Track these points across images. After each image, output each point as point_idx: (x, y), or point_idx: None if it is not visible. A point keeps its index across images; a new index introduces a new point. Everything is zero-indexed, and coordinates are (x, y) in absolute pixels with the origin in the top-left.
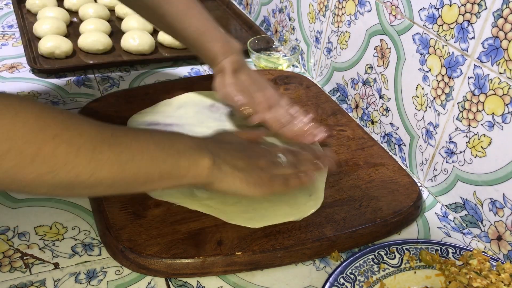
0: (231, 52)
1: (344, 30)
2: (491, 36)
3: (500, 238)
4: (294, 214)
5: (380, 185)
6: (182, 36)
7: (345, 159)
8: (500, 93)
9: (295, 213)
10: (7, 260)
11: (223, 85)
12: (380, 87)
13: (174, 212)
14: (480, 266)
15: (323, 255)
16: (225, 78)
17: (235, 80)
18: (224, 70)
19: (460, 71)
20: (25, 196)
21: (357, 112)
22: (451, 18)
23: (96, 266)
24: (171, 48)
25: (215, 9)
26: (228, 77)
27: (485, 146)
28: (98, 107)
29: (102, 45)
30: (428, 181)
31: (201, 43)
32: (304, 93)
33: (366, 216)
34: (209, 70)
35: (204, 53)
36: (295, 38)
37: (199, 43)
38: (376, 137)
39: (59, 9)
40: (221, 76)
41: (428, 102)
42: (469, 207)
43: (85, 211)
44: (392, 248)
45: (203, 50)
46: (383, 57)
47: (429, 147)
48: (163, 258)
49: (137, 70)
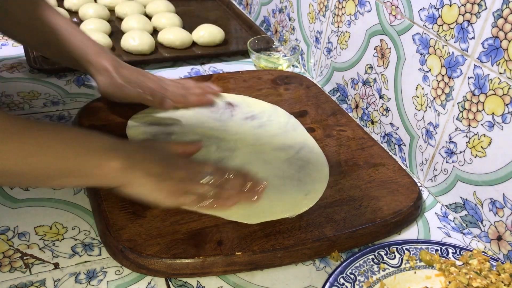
0: (104, 52)
1: (344, 30)
2: (491, 36)
3: (500, 238)
4: (289, 210)
5: (380, 185)
6: (47, 39)
7: (345, 159)
8: (500, 93)
9: (289, 210)
10: (7, 260)
11: (111, 82)
12: (380, 87)
13: (174, 212)
14: (480, 266)
15: (323, 255)
16: (110, 74)
17: (120, 75)
18: (106, 68)
19: (460, 71)
20: (25, 196)
21: (357, 112)
22: (451, 18)
23: (96, 266)
24: (171, 48)
25: (215, 9)
26: (113, 73)
27: (485, 146)
28: (98, 107)
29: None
30: (428, 181)
31: (68, 42)
32: (304, 93)
33: (366, 216)
34: (209, 70)
35: (77, 53)
36: (295, 38)
37: (68, 43)
38: (376, 137)
39: (59, 9)
40: (103, 74)
41: (428, 102)
42: (469, 207)
43: (85, 211)
44: (392, 248)
45: (75, 50)
46: (383, 57)
47: (429, 147)
48: (163, 258)
49: None
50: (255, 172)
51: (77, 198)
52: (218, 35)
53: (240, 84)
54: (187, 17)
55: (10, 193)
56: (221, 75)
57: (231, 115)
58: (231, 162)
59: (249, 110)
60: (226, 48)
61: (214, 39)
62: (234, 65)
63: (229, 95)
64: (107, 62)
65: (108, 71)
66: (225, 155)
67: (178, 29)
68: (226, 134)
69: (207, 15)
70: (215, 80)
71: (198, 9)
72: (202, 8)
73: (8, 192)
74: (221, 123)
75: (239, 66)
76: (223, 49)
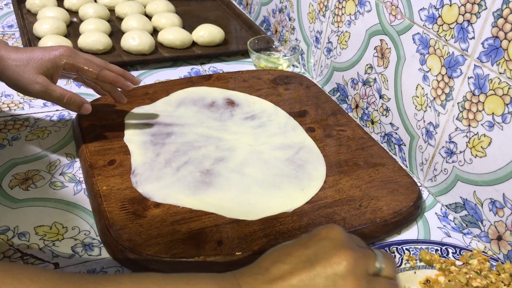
0: None
1: (344, 30)
2: (491, 36)
3: (500, 238)
4: (286, 205)
5: (380, 185)
6: None
7: (345, 159)
8: (500, 93)
9: (287, 204)
10: (7, 260)
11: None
12: (380, 87)
13: (174, 212)
14: (480, 266)
15: None
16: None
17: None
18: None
19: (460, 71)
20: (25, 196)
21: (357, 112)
22: (451, 18)
23: (96, 266)
24: (171, 48)
25: (215, 9)
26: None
27: (485, 146)
28: (98, 107)
29: (102, 45)
30: (428, 181)
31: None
32: (304, 93)
33: (366, 216)
34: (209, 70)
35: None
36: (295, 38)
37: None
38: (376, 137)
39: (59, 9)
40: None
41: (428, 102)
42: (469, 207)
43: (85, 211)
44: (392, 248)
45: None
46: (383, 57)
47: (429, 147)
48: (163, 258)
49: (137, 70)
50: (254, 171)
51: (77, 198)
52: (218, 35)
53: (240, 84)
54: (187, 17)
55: (10, 193)
56: (221, 75)
57: (231, 115)
58: (231, 162)
59: (249, 110)
60: (226, 48)
61: (214, 39)
62: (234, 65)
63: (232, 92)
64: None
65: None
66: (225, 154)
67: (178, 29)
68: (226, 134)
69: (207, 15)
70: (215, 80)
71: (198, 9)
72: (202, 8)
73: (8, 192)
74: (221, 123)
75: (239, 66)
76: (223, 49)
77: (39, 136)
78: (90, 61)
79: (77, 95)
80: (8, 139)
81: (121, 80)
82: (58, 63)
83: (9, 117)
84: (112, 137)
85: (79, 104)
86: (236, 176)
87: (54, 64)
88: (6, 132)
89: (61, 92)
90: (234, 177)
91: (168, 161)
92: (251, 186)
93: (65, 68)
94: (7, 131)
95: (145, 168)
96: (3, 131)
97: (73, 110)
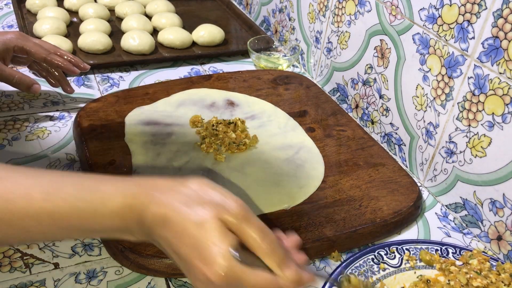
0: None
1: (344, 30)
2: (491, 36)
3: (500, 238)
4: (285, 202)
5: (380, 185)
6: None
7: (345, 159)
8: (500, 93)
9: (286, 201)
10: (7, 260)
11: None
12: (380, 87)
13: None
14: (480, 266)
15: (323, 255)
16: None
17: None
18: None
19: (460, 71)
20: None
21: (357, 112)
22: (451, 18)
23: (96, 266)
24: (171, 48)
25: (215, 9)
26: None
27: (485, 146)
28: (98, 107)
29: (102, 45)
30: (428, 181)
31: None
32: (304, 93)
33: (366, 216)
34: (209, 70)
35: None
36: (295, 38)
37: None
38: (376, 137)
39: (59, 9)
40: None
41: (428, 102)
42: (469, 207)
43: None
44: (392, 248)
45: None
46: (383, 57)
47: (429, 147)
48: (163, 258)
49: (137, 70)
50: (255, 171)
51: None
52: (218, 35)
53: (240, 84)
54: (187, 17)
55: None
56: (221, 75)
57: (231, 115)
58: (232, 162)
59: (249, 110)
60: (226, 48)
61: (214, 39)
62: (234, 65)
63: (232, 93)
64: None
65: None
66: (225, 154)
67: (178, 29)
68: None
69: (207, 15)
70: (215, 80)
71: (198, 9)
72: (202, 8)
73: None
74: None
75: (239, 66)
76: (223, 49)
77: (39, 136)
78: (39, 45)
79: (27, 76)
80: (8, 139)
81: (68, 65)
82: (9, 45)
83: (9, 117)
84: (113, 137)
85: (28, 84)
86: (237, 176)
87: (5, 47)
88: (6, 132)
89: (10, 72)
90: (235, 176)
91: (170, 161)
92: (251, 185)
93: (15, 50)
94: (7, 131)
95: (146, 168)
96: (3, 131)
97: (23, 89)
